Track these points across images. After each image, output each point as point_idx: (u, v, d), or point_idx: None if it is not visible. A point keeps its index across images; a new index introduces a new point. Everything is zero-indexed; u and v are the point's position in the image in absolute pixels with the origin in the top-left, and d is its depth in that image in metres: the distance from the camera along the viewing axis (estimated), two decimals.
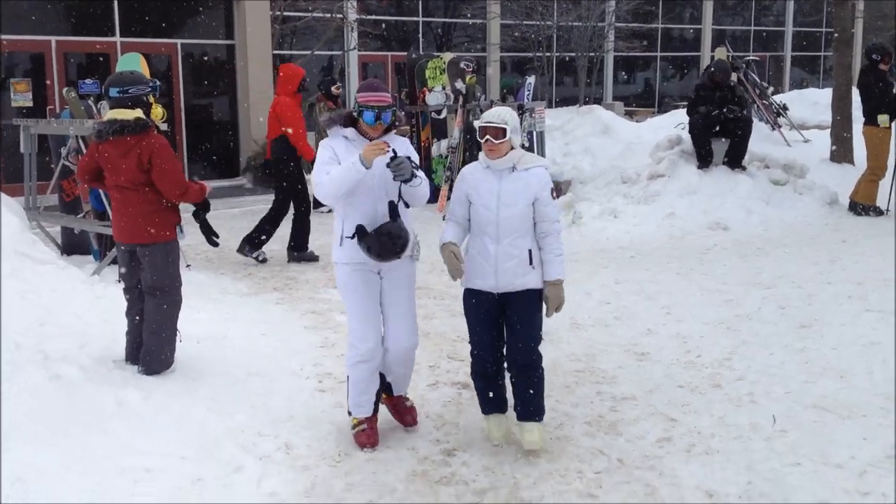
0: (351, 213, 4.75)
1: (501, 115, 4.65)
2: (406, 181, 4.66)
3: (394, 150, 4.63)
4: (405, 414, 5.22)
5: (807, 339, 6.58)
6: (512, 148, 4.66)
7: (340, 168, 4.61)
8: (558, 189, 11.27)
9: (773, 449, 4.81)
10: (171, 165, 5.70)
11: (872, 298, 7.48)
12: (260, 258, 9.78)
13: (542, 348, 4.83)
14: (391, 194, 4.76)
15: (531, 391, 4.76)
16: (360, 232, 4.65)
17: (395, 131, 4.94)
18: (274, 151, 9.64)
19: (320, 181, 4.67)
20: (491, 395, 4.95)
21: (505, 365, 4.91)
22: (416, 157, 4.83)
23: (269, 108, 9.86)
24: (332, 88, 12.12)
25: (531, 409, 4.78)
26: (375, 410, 5.01)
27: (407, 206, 4.86)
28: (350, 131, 4.81)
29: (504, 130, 4.60)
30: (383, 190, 4.75)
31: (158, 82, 6.13)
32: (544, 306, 4.80)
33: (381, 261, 4.73)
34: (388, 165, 4.61)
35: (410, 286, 5.01)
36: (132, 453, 4.65)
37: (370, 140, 4.74)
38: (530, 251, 4.68)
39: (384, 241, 4.65)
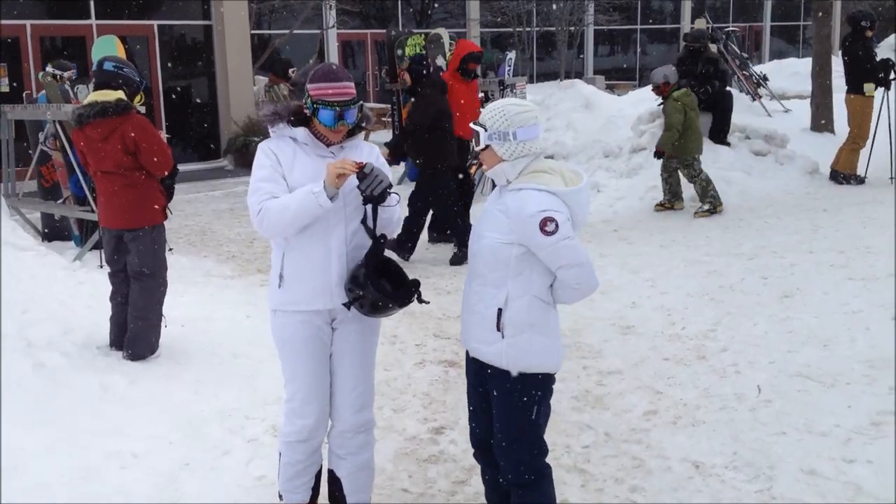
0: (297, 247, 3.53)
1: (483, 113, 3.39)
2: (380, 200, 3.42)
3: (358, 166, 3.39)
4: None
5: (790, 308, 6.61)
6: (503, 160, 3.32)
7: (295, 197, 3.39)
8: None
9: (758, 419, 4.84)
10: (158, 146, 5.68)
11: (854, 267, 7.52)
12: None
13: None
14: (352, 221, 3.54)
15: None
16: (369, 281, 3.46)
17: (361, 134, 3.70)
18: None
19: (266, 207, 3.43)
20: (486, 486, 3.70)
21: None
22: (387, 171, 3.54)
23: None
24: (290, 71, 11.84)
25: None
26: (314, 496, 3.86)
27: (374, 235, 3.53)
28: (301, 132, 3.55)
29: (479, 136, 3.35)
30: (341, 216, 3.52)
31: (147, 83, 6.17)
32: (535, 408, 3.37)
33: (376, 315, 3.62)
34: (359, 185, 3.40)
35: (370, 340, 3.75)
36: (119, 438, 4.64)
37: (327, 146, 3.58)
38: (500, 311, 3.28)
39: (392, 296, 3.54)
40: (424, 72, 8.66)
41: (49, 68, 10.07)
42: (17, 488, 4.11)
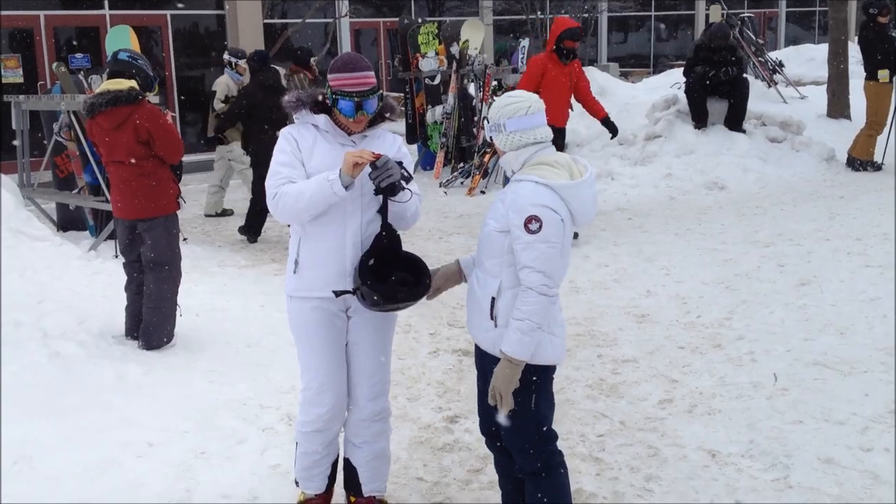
0: (313, 233, 3.55)
1: (491, 108, 3.41)
2: (392, 192, 3.42)
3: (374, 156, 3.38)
4: None
5: (806, 296, 6.57)
6: (505, 151, 3.34)
7: (310, 184, 3.41)
8: None
9: (774, 407, 4.82)
10: (170, 134, 5.70)
11: (871, 254, 7.47)
12: None
13: None
14: (368, 210, 3.55)
15: (539, 496, 3.41)
16: (366, 277, 3.44)
17: (383, 124, 3.68)
18: None
19: (282, 191, 3.45)
20: (500, 474, 3.69)
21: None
22: (409, 162, 3.57)
23: None
24: (311, 61, 11.91)
25: None
26: (331, 484, 3.86)
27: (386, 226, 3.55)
28: (322, 119, 3.56)
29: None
30: (358, 204, 3.52)
31: (158, 78, 6.26)
32: (534, 397, 3.31)
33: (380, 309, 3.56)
34: (370, 174, 3.37)
35: (386, 328, 3.73)
36: (134, 427, 4.65)
37: (349, 134, 3.58)
38: (493, 299, 3.27)
39: (398, 291, 3.48)
40: (257, 66, 9.65)
41: (226, 56, 10.82)
42: (32, 479, 4.13)
